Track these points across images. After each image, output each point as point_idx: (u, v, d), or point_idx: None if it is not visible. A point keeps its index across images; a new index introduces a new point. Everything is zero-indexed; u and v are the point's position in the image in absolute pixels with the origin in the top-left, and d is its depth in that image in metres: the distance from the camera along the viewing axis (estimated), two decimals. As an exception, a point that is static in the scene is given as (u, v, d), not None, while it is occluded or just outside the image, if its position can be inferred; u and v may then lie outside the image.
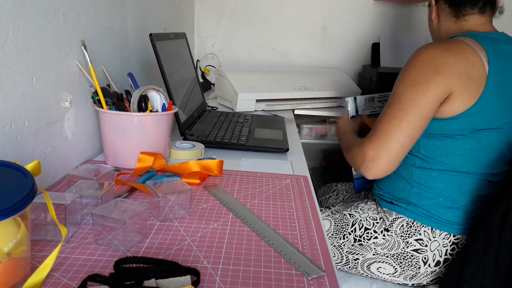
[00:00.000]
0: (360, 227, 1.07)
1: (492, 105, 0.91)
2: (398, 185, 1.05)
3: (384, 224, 1.05)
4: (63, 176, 0.81)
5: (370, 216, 1.08)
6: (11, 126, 0.64)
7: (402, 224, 1.03)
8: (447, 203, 0.98)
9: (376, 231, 1.05)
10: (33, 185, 0.45)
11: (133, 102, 0.87)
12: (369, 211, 1.09)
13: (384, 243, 1.04)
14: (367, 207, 1.10)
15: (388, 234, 1.04)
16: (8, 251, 0.44)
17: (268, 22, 2.10)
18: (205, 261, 0.56)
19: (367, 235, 1.06)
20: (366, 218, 1.08)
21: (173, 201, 0.68)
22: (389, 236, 1.03)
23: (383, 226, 1.05)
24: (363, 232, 1.06)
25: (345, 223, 1.09)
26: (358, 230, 1.07)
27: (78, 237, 0.60)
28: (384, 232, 1.04)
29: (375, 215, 1.07)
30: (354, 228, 1.07)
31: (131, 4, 1.13)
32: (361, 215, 1.09)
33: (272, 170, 0.93)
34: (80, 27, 0.84)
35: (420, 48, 0.96)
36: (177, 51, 1.23)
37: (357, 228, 1.07)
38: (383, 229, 1.04)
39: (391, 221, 1.04)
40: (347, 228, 1.08)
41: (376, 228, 1.05)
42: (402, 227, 1.03)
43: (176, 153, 0.97)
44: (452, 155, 0.96)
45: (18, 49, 0.64)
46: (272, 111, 1.59)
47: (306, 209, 0.75)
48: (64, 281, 0.50)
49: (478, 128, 0.93)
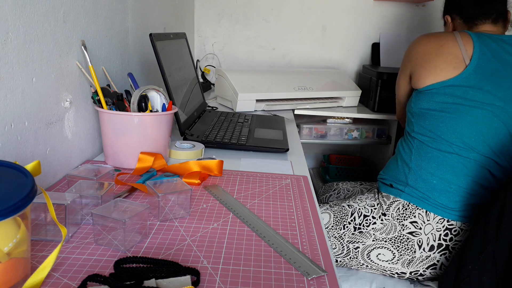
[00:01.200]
0: (359, 216, 1.11)
1: (472, 81, 1.00)
2: (399, 168, 1.12)
3: (381, 209, 1.10)
4: (63, 176, 0.81)
5: (368, 204, 1.13)
6: (11, 126, 0.64)
7: (398, 207, 1.07)
8: (442, 185, 1.03)
9: (375, 217, 1.09)
10: (33, 185, 0.45)
11: (133, 102, 0.87)
12: (367, 199, 1.14)
13: (382, 228, 1.08)
14: (365, 197, 1.15)
15: (386, 218, 1.08)
16: (8, 251, 0.44)
17: (268, 22, 2.10)
18: (205, 261, 0.56)
19: (366, 222, 1.10)
20: (364, 206, 1.12)
21: (173, 201, 0.68)
22: (386, 220, 1.08)
23: (381, 211, 1.09)
24: (362, 219, 1.10)
25: (344, 213, 1.13)
26: (358, 218, 1.11)
27: (78, 237, 0.60)
28: (382, 216, 1.09)
29: (372, 202, 1.13)
30: (353, 217, 1.11)
31: (131, 4, 1.13)
32: (359, 204, 1.13)
33: (272, 170, 0.93)
34: (80, 27, 0.84)
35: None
36: (177, 51, 1.23)
37: (356, 216, 1.11)
38: (381, 214, 1.09)
39: (388, 205, 1.09)
40: (347, 218, 1.12)
41: (374, 213, 1.10)
42: (398, 210, 1.07)
43: (176, 153, 0.97)
44: (437, 128, 1.04)
45: (18, 49, 0.64)
46: (272, 111, 1.59)
47: (306, 209, 0.75)
48: (64, 281, 0.50)
49: (452, 101, 1.02)
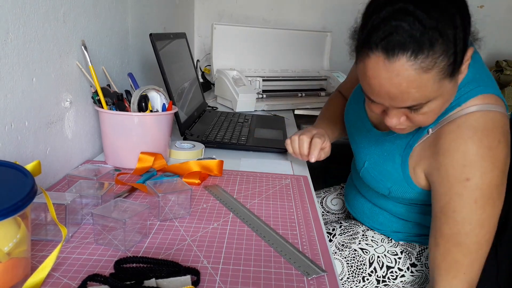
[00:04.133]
0: (380, 266, 0.91)
1: None
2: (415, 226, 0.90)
3: (409, 259, 0.90)
4: (63, 176, 0.81)
5: (389, 251, 0.91)
6: (11, 126, 0.64)
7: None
8: None
9: (402, 269, 0.90)
10: (33, 185, 0.45)
11: (133, 102, 0.87)
12: (383, 242, 0.93)
13: (414, 280, 0.90)
14: (378, 237, 0.94)
15: (417, 270, 0.90)
16: (8, 251, 0.44)
17: (268, 22, 2.10)
18: (205, 261, 0.56)
19: (392, 275, 0.90)
20: (384, 254, 0.91)
21: (173, 201, 0.68)
22: (418, 272, 0.90)
23: (409, 262, 0.90)
24: (385, 271, 0.90)
25: (360, 262, 0.91)
26: (379, 269, 0.90)
27: (78, 237, 0.60)
28: (411, 268, 0.90)
29: (393, 248, 0.91)
30: (373, 268, 0.91)
31: (131, 4, 1.13)
32: (376, 250, 0.92)
33: (272, 170, 0.93)
34: (80, 27, 0.84)
35: (469, 154, 0.71)
36: (177, 51, 1.23)
37: (377, 267, 0.91)
38: (409, 265, 0.90)
39: (417, 255, 0.90)
40: (365, 268, 0.91)
41: (401, 265, 0.90)
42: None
43: (176, 153, 0.97)
44: None
45: (18, 49, 0.64)
46: (272, 111, 1.59)
47: (306, 209, 0.75)
48: (64, 281, 0.50)
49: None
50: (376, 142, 0.88)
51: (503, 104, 0.76)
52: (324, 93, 1.80)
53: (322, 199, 1.27)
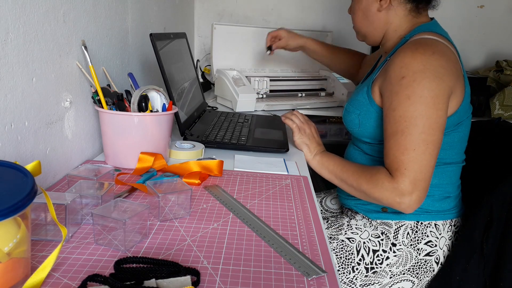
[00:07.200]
0: (367, 252, 0.95)
1: (467, 95, 0.93)
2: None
3: (388, 239, 0.95)
4: (63, 176, 0.81)
5: (371, 234, 0.97)
6: (11, 126, 0.64)
7: (407, 232, 0.95)
8: (441, 195, 0.98)
9: (385, 250, 0.95)
10: (33, 185, 0.45)
11: (133, 102, 0.87)
12: (366, 227, 0.98)
13: (398, 260, 0.95)
14: (361, 223, 1.00)
15: (398, 249, 0.95)
16: (8, 251, 0.44)
17: (268, 22, 2.10)
18: (205, 261, 0.56)
19: (378, 259, 0.95)
20: (369, 239, 0.96)
21: (173, 201, 0.68)
22: (399, 251, 0.95)
23: (389, 241, 0.95)
24: (372, 256, 0.95)
25: (348, 252, 0.96)
26: (367, 256, 0.95)
27: (78, 237, 0.60)
28: (393, 247, 0.95)
29: (374, 231, 0.97)
30: (361, 255, 0.95)
31: (131, 4, 1.13)
32: (361, 236, 0.97)
33: (272, 170, 0.93)
34: (80, 27, 0.84)
35: (406, 57, 0.85)
36: (177, 51, 1.23)
37: (364, 254, 0.95)
38: (391, 245, 0.95)
39: (394, 233, 0.96)
40: (353, 258, 0.95)
41: (384, 246, 0.95)
42: (408, 235, 0.95)
43: (176, 153, 0.97)
44: (443, 150, 0.92)
45: (18, 49, 0.64)
46: (272, 111, 1.59)
47: (306, 209, 0.75)
48: (64, 281, 0.50)
49: (461, 120, 0.94)
50: (356, 89, 1.06)
51: (450, 43, 0.92)
52: (324, 93, 1.80)
53: (322, 199, 1.27)
